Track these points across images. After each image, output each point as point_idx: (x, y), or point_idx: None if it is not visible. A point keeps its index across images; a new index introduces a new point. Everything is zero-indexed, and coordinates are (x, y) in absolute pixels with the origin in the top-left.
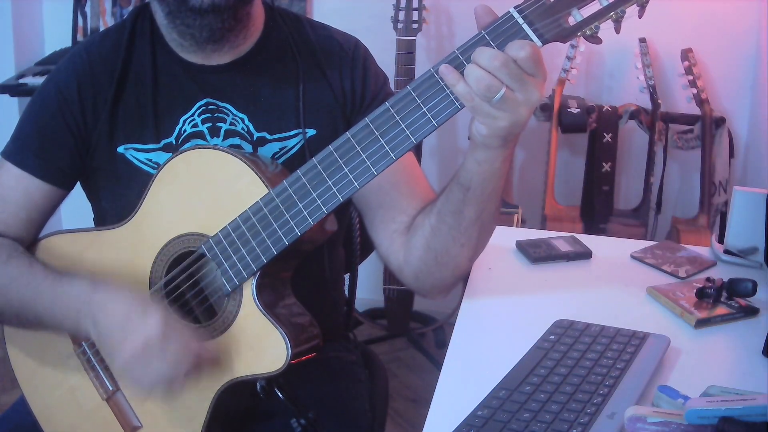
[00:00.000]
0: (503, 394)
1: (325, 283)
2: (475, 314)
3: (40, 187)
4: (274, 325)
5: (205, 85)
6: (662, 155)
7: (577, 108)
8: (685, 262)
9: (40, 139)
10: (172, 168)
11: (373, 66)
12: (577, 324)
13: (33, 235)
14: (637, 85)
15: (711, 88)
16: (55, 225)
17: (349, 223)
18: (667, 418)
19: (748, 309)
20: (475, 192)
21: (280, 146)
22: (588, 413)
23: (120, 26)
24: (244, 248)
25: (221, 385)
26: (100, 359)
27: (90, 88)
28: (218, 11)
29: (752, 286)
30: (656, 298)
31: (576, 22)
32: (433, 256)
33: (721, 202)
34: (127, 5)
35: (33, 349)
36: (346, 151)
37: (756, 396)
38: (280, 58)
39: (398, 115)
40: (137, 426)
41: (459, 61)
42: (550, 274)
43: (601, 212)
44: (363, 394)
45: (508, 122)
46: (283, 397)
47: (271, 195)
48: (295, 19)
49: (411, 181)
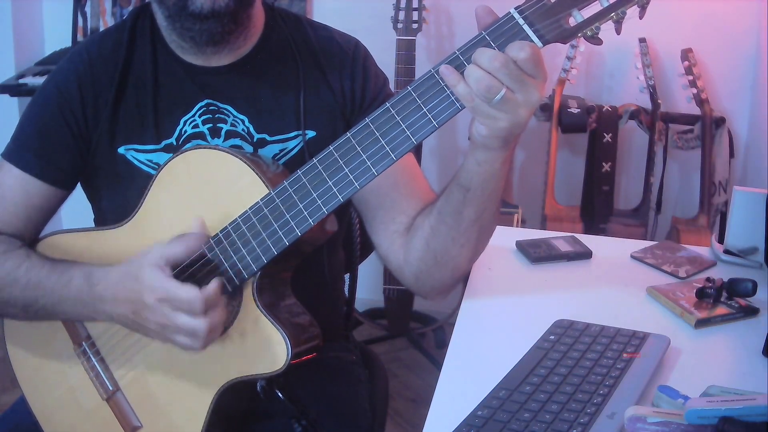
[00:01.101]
0: (503, 394)
1: (324, 284)
2: (475, 314)
3: (39, 187)
4: (274, 326)
5: (205, 86)
6: (662, 155)
7: (577, 108)
8: (685, 262)
9: (40, 139)
10: (173, 168)
11: (374, 67)
12: (577, 324)
13: (33, 235)
14: (637, 85)
15: (711, 88)
16: (55, 225)
17: (349, 224)
18: (667, 418)
19: (748, 309)
20: (475, 193)
21: (280, 148)
22: (588, 413)
23: (120, 26)
24: (245, 248)
25: (221, 385)
26: (100, 359)
27: (90, 88)
28: (218, 16)
29: (752, 286)
30: (656, 298)
31: (577, 23)
32: (433, 256)
33: (721, 202)
34: (127, 5)
35: (33, 349)
36: (346, 151)
37: (756, 396)
38: (280, 60)
39: (399, 116)
40: (137, 426)
41: (459, 61)
42: (550, 274)
43: (601, 212)
44: (363, 394)
45: (508, 123)
46: (283, 397)
47: (271, 195)
48: (295, 19)
49: (411, 182)
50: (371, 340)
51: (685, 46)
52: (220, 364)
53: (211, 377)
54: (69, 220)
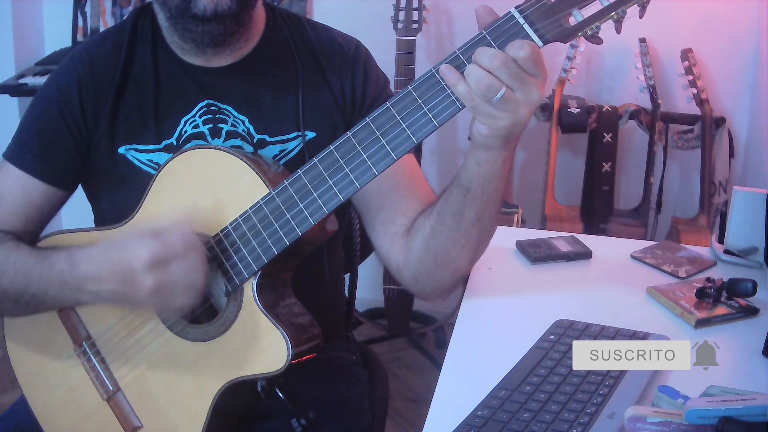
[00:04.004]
0: (503, 394)
1: (324, 284)
2: (475, 314)
3: (40, 187)
4: (274, 325)
5: (206, 87)
6: (662, 155)
7: (577, 108)
8: (685, 262)
9: (41, 140)
10: (173, 168)
11: (374, 68)
12: (577, 324)
13: (33, 235)
14: (637, 85)
15: (711, 88)
16: (55, 225)
17: (349, 224)
18: (667, 418)
19: (748, 309)
20: (476, 193)
21: (281, 148)
22: (588, 413)
23: (121, 27)
24: (245, 248)
25: (222, 385)
26: (100, 359)
27: (91, 89)
28: (221, 18)
29: (752, 286)
30: (656, 298)
31: (577, 23)
32: (433, 257)
33: (721, 202)
34: (127, 5)
35: (33, 349)
36: (346, 151)
37: (756, 396)
38: (281, 60)
39: (399, 115)
40: (137, 426)
41: (460, 61)
42: (550, 274)
43: (601, 212)
44: (363, 394)
45: (508, 122)
46: (283, 397)
47: (272, 195)
48: (296, 20)
49: (411, 183)
50: (371, 340)
51: (685, 46)
52: (220, 364)
53: (212, 377)
54: (69, 220)
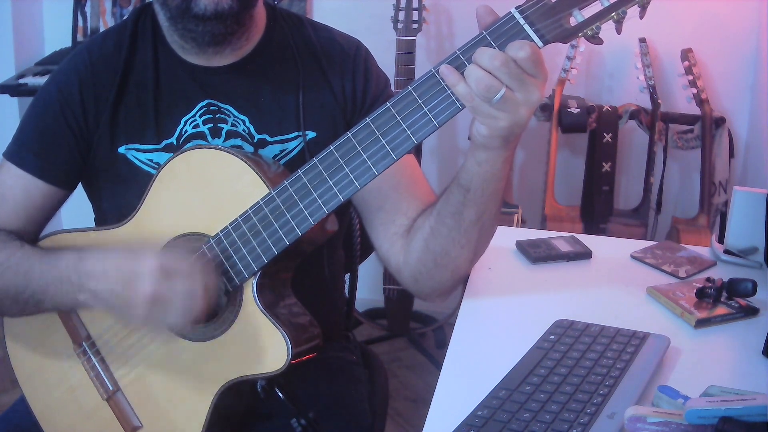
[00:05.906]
0: (503, 394)
1: (324, 284)
2: (475, 314)
3: (40, 187)
4: (274, 325)
5: (206, 86)
6: (662, 155)
7: (577, 108)
8: (685, 262)
9: (41, 139)
10: (173, 168)
11: (375, 68)
12: (577, 324)
13: (33, 235)
14: (637, 85)
15: (711, 88)
16: (55, 225)
17: (349, 224)
18: (667, 418)
19: (748, 309)
20: (476, 193)
21: (281, 148)
22: (588, 413)
23: (122, 27)
24: (245, 248)
25: (221, 385)
26: (100, 359)
27: (91, 88)
28: (221, 18)
29: (752, 286)
30: (656, 298)
31: (577, 23)
32: (432, 258)
33: (721, 202)
34: (127, 5)
35: (33, 349)
36: (347, 151)
37: (756, 396)
38: (281, 60)
39: (399, 115)
40: (137, 426)
41: (460, 61)
42: (550, 274)
43: (601, 212)
44: (363, 394)
45: (508, 122)
46: (283, 397)
47: (272, 195)
48: (296, 20)
49: (411, 184)
50: (371, 340)
51: (685, 46)
52: (220, 364)
53: (212, 377)
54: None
